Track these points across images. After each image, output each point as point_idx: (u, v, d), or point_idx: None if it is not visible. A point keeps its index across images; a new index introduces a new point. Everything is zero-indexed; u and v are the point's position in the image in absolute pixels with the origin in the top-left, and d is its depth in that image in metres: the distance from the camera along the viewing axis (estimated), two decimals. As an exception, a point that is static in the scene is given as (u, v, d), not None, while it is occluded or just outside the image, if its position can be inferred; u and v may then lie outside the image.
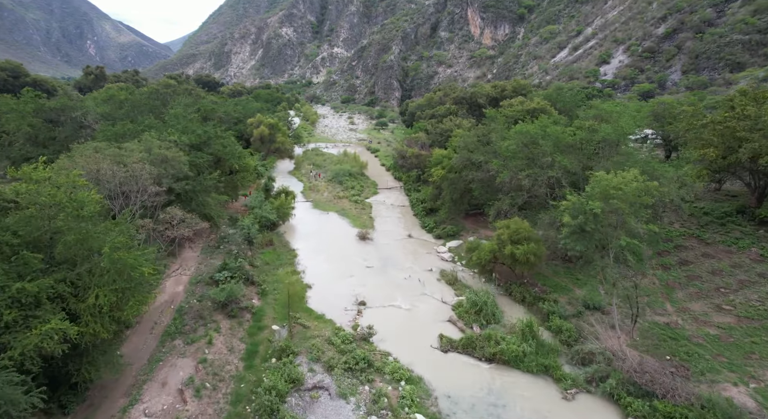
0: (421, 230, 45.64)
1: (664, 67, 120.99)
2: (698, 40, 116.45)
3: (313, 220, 47.96)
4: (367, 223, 46.98)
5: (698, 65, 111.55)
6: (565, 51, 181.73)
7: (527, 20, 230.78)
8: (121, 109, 48.72)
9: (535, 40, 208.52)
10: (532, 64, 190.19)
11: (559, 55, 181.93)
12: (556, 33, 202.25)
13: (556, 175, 29.57)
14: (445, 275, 34.30)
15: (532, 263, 28.67)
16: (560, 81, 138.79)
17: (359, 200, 54.50)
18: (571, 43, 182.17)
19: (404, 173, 61.69)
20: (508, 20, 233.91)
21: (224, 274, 28.98)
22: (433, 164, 47.31)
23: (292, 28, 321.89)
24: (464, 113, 62.70)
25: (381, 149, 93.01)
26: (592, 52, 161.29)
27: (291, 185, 61.72)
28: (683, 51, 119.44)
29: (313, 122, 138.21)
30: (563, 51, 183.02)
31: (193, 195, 33.53)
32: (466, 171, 40.11)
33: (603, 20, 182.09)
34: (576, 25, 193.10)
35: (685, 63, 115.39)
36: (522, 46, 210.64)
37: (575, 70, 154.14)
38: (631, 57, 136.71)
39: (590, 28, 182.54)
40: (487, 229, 43.04)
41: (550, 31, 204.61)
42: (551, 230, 29.21)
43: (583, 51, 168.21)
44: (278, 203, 42.73)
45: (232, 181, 44.07)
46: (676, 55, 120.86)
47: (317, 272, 34.55)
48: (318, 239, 41.79)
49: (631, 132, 27.82)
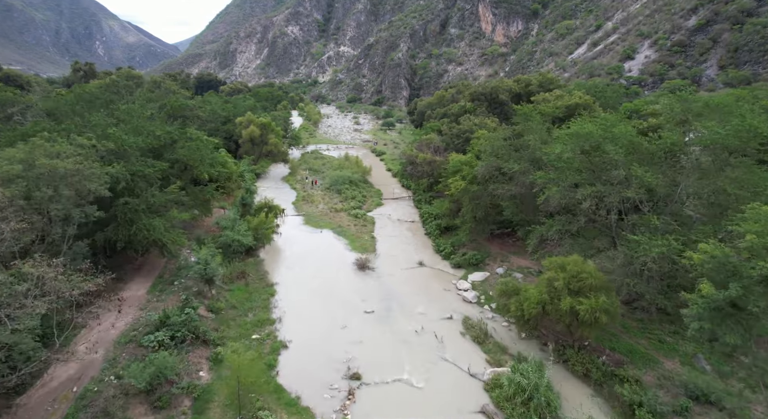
0: (434, 255, 36.74)
1: (698, 62, 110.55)
2: (736, 31, 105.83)
3: (302, 240, 39.33)
4: (368, 245, 38.20)
5: (738, 59, 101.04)
6: (583, 47, 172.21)
7: (541, 16, 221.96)
8: (77, 104, 40.66)
9: (551, 37, 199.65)
10: (547, 61, 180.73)
11: (577, 52, 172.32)
12: (573, 28, 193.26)
13: (635, 196, 20.58)
14: (470, 326, 25.43)
15: (602, 325, 19.70)
16: (579, 78, 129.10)
17: (360, 213, 45.75)
18: (590, 39, 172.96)
19: (414, 181, 52.86)
20: (521, 16, 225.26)
21: (159, 336, 20.31)
22: (449, 173, 38.42)
23: (298, 27, 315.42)
24: (483, 111, 53.86)
25: (387, 152, 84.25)
26: (614, 48, 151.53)
27: (280, 195, 53.16)
28: (719, 44, 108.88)
29: (316, 121, 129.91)
30: (581, 47, 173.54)
31: (134, 217, 25.10)
32: (495, 184, 31.22)
33: (624, 14, 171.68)
34: (595, 20, 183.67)
35: (722, 57, 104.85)
36: (536, 43, 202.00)
37: (596, 66, 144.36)
38: (658, 52, 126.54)
39: (610, 23, 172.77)
40: (519, 255, 34.04)
41: (566, 27, 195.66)
42: (628, 273, 20.25)
43: (603, 46, 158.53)
44: (256, 221, 34.13)
45: (201, 193, 35.67)
46: (711, 48, 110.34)
47: (298, 320, 25.90)
48: (305, 269, 33.12)
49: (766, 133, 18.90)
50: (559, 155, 23.32)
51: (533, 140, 29.80)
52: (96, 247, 25.14)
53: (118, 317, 23.36)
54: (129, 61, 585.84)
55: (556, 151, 23.46)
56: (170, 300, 25.50)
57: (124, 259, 29.48)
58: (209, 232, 36.53)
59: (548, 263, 22.44)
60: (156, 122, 35.34)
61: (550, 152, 24.51)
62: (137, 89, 49.21)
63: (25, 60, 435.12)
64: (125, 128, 31.35)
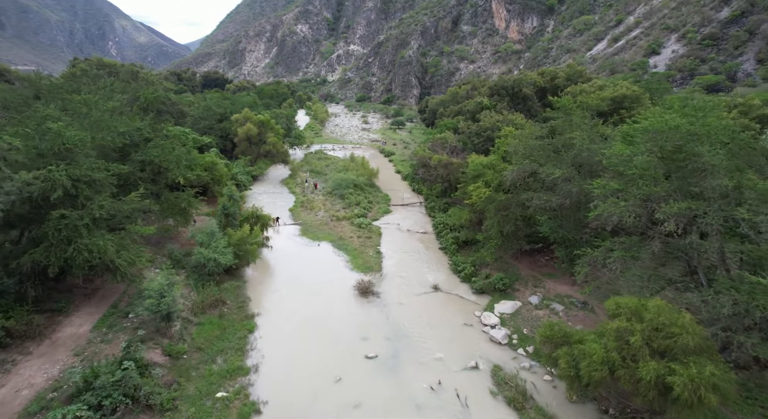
0: (451, 275, 30.72)
1: (732, 56, 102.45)
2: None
3: (296, 255, 33.65)
4: (373, 262, 32.32)
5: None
6: (603, 43, 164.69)
7: (557, 11, 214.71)
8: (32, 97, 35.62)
9: (568, 33, 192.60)
10: (564, 57, 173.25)
11: (597, 48, 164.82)
12: (591, 24, 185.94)
13: (748, 217, 14.39)
14: (502, 381, 19.42)
15: (707, 406, 13.54)
16: (600, 75, 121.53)
17: (364, 223, 39.93)
18: (610, 34, 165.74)
19: (426, 185, 46.85)
20: (536, 12, 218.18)
21: (73, 411, 14.55)
22: (469, 178, 32.38)
23: (308, 25, 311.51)
24: (505, 107, 47.68)
25: (397, 152, 78.34)
26: (637, 43, 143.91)
27: (277, 200, 47.61)
28: (757, 36, 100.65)
29: (322, 120, 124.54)
30: (601, 43, 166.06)
31: (71, 235, 19.66)
32: (528, 192, 25.16)
33: (647, 8, 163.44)
34: (615, 15, 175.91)
35: (761, 50, 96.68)
36: (552, 39, 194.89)
37: (618, 62, 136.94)
38: (687, 46, 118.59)
39: (632, 17, 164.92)
40: (556, 279, 27.90)
41: (584, 22, 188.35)
42: (735, 327, 14.11)
43: (625, 42, 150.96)
44: (239, 236, 28.50)
45: (178, 201, 30.25)
46: (748, 40, 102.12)
47: (279, 368, 20.15)
48: (295, 294, 27.39)
49: None
50: (628, 158, 17.19)
51: (579, 138, 23.66)
52: (24, 272, 19.77)
53: (43, 368, 17.92)
54: (141, 60, 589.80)
55: (624, 152, 17.33)
56: (118, 340, 20.02)
57: (72, 283, 24.13)
58: (185, 246, 31.09)
59: (613, 307, 16.34)
60: (125, 117, 30.04)
61: (612, 154, 18.37)
62: (108, 79, 44.03)
63: (39, 60, 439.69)
64: (84, 123, 26.06)
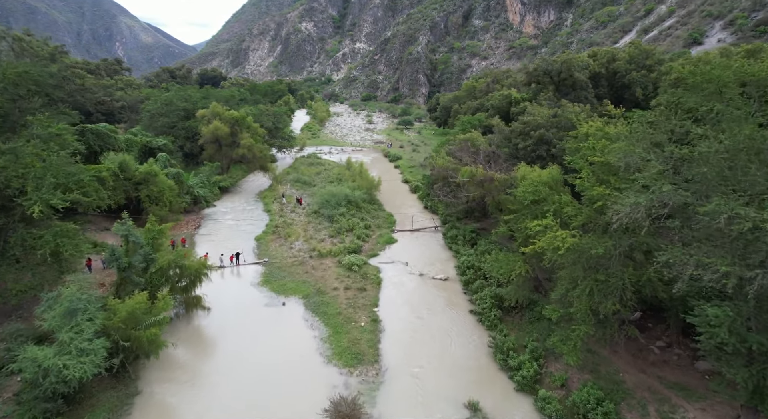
0: (497, 372, 18.10)
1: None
2: None
3: (244, 325, 21.26)
4: (365, 342, 19.76)
5: None
6: (631, 34, 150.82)
7: (576, 4, 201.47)
8: None
9: (589, 26, 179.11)
10: (586, 52, 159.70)
11: (624, 40, 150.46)
12: (616, 15, 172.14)
13: None
14: None
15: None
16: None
17: (358, 262, 27.32)
18: (639, 25, 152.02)
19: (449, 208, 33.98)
20: (553, 5, 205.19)
21: None
22: (522, 205, 19.72)
23: (312, 23, 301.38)
24: (550, 98, 35.01)
25: (404, 157, 65.72)
26: (672, 33, 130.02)
27: (243, 225, 35.16)
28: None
29: (322, 119, 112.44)
30: (629, 35, 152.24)
31: None
32: (672, 249, 12.50)
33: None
34: (643, 5, 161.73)
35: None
36: (572, 33, 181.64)
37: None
38: (735, 34, 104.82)
39: (664, 6, 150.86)
40: (687, 392, 15.17)
41: (608, 14, 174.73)
42: None
43: (658, 32, 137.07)
44: (128, 310, 16.25)
45: (40, 243, 18.24)
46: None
47: None
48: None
49: None
50: None
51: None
52: None
53: None
54: (148, 62, 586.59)
55: None
56: None
57: None
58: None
59: None
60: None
61: None
62: None
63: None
64: None
